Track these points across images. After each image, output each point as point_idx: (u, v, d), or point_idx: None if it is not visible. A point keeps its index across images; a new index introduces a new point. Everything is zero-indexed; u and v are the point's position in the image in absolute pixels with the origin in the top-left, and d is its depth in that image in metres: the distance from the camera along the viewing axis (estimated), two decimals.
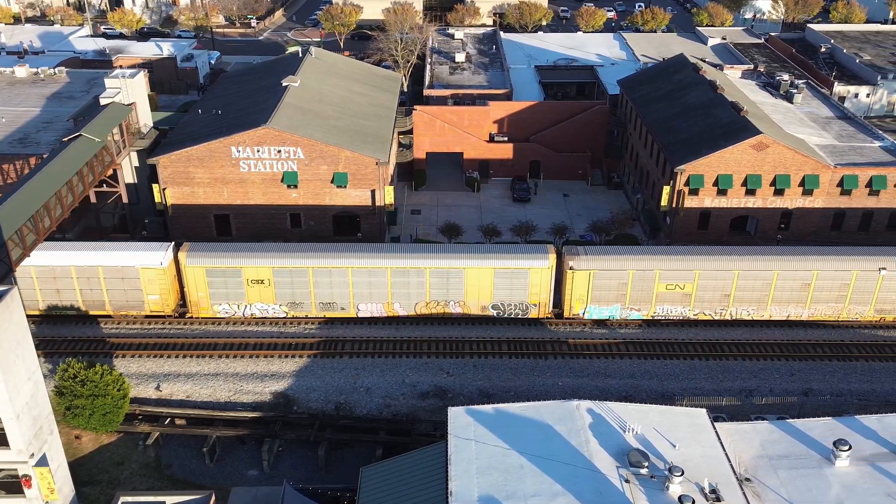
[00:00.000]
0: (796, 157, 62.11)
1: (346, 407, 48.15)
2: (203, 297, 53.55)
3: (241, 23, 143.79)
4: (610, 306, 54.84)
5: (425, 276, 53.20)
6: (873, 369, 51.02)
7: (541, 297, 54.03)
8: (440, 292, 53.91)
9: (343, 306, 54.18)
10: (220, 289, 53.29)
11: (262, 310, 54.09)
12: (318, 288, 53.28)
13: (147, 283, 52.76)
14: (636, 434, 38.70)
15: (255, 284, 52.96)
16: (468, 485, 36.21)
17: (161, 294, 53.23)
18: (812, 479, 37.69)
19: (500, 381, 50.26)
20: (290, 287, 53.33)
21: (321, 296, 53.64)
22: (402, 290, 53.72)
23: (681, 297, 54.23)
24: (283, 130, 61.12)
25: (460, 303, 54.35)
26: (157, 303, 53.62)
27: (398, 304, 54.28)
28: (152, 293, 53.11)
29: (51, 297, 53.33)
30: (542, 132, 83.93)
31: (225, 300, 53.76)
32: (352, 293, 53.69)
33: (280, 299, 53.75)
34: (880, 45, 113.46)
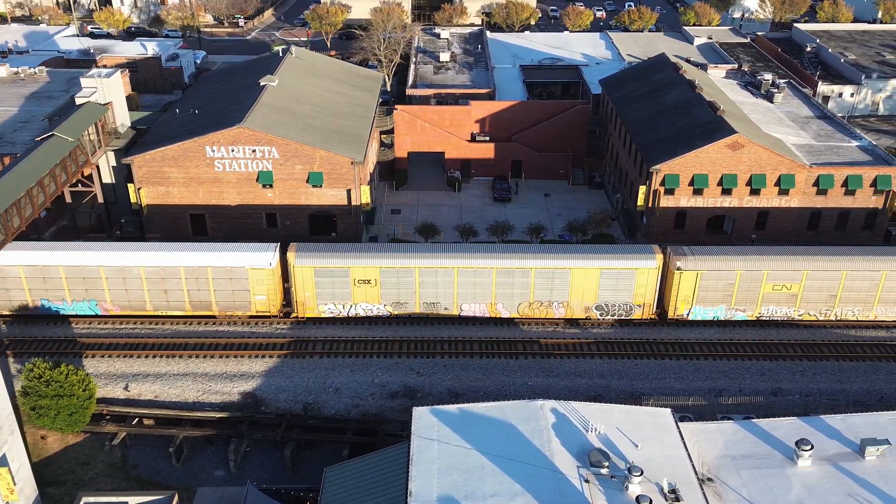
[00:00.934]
0: (772, 157, 62.08)
1: (314, 407, 48.07)
2: (310, 297, 53.69)
3: (229, 22, 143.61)
4: (715, 307, 54.40)
5: (531, 277, 53.10)
6: (843, 369, 50.98)
7: (646, 298, 53.82)
8: (544, 293, 53.79)
9: (447, 306, 54.36)
10: (326, 289, 53.48)
11: (367, 309, 54.26)
12: (423, 288, 53.53)
13: (255, 284, 52.90)
14: (599, 434, 38.66)
15: (361, 284, 53.18)
16: (428, 485, 36.14)
17: (268, 294, 53.39)
18: (773, 479, 37.66)
19: (470, 381, 50.18)
20: (396, 287, 53.53)
21: (426, 296, 53.87)
22: (506, 290, 53.70)
23: (787, 297, 53.79)
24: (258, 130, 61.02)
25: (564, 304, 54.21)
26: (264, 303, 53.75)
27: (501, 304, 54.28)
28: (259, 293, 53.24)
29: (159, 297, 53.42)
30: (523, 132, 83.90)
31: (331, 300, 53.91)
32: (456, 293, 53.78)
33: (385, 299, 53.93)
34: (866, 44, 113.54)
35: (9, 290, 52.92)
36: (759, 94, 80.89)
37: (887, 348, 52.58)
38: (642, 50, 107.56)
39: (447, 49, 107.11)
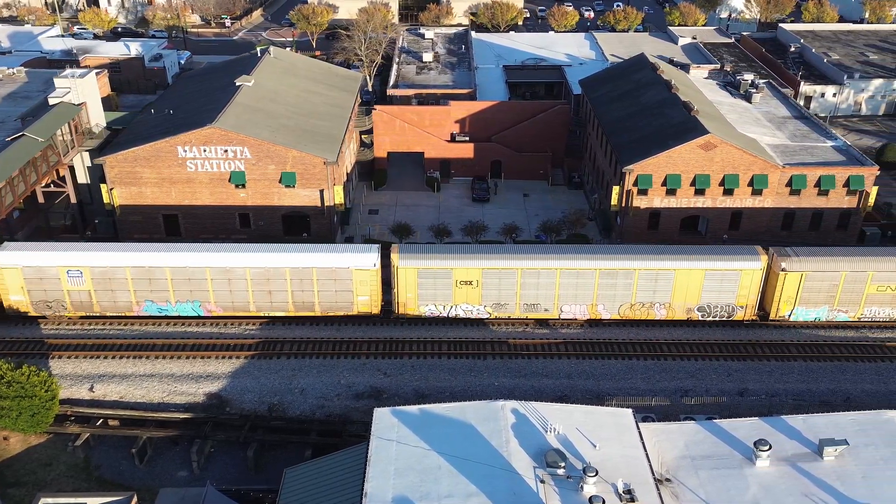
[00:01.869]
0: (745, 157, 62.08)
1: (278, 408, 47.97)
2: (411, 297, 53.78)
3: (216, 23, 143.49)
4: (818, 308, 54.07)
5: (633, 279, 53.02)
6: (811, 369, 50.94)
7: (749, 300, 53.56)
8: (646, 294, 53.68)
9: (547, 308, 54.28)
10: (428, 290, 53.59)
11: (467, 311, 54.30)
12: (524, 289, 53.45)
13: (359, 285, 53.13)
14: (557, 434, 38.60)
15: (463, 285, 53.26)
16: (384, 486, 36.12)
17: (371, 295, 53.60)
18: (731, 480, 37.61)
19: (437, 381, 50.10)
20: (497, 288, 53.50)
21: (526, 297, 53.80)
22: (608, 291, 53.62)
23: (891, 298, 53.50)
24: (230, 130, 60.95)
25: (666, 305, 54.03)
26: (366, 304, 53.96)
27: (602, 306, 54.14)
28: (362, 294, 53.48)
29: (263, 298, 53.59)
30: (503, 132, 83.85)
31: (432, 301, 53.99)
32: (557, 295, 53.71)
33: (486, 300, 53.96)
34: (851, 44, 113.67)
35: (114, 292, 53.02)
36: (737, 95, 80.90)
37: (855, 348, 52.57)
38: (627, 50, 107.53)
39: (431, 49, 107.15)
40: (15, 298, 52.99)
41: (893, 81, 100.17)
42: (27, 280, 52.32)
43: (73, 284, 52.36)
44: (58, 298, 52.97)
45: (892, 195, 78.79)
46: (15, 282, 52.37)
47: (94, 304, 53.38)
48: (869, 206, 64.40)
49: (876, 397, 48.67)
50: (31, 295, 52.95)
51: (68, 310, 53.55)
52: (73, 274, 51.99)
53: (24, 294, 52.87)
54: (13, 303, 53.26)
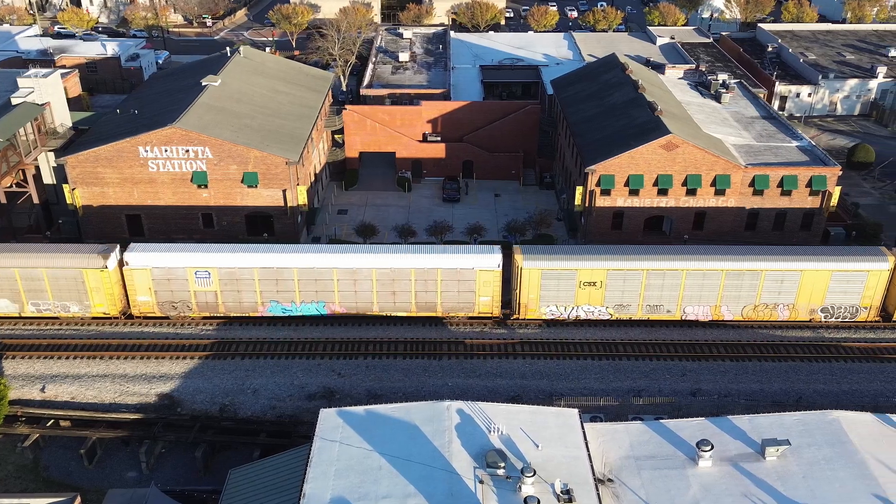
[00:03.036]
0: (707, 157, 62.10)
1: (230, 408, 47.89)
2: (533, 298, 53.72)
3: (197, 22, 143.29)
4: None
5: (759, 280, 53.02)
6: (765, 369, 50.94)
7: (873, 300, 53.60)
8: (771, 296, 53.70)
9: (669, 309, 54.36)
10: (551, 291, 53.55)
11: (589, 312, 54.33)
12: (648, 290, 53.49)
13: (482, 285, 53.26)
14: (501, 434, 38.60)
15: (586, 287, 53.21)
16: (323, 487, 36.14)
17: (492, 296, 53.62)
18: (673, 480, 37.64)
19: (391, 381, 50.05)
20: (621, 289, 53.49)
21: (650, 298, 53.89)
22: (732, 293, 53.64)
23: None
24: (191, 130, 60.84)
25: (789, 306, 54.05)
26: (487, 304, 54.01)
27: (726, 307, 54.20)
28: (484, 295, 53.65)
29: (386, 299, 53.80)
30: (474, 132, 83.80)
31: (554, 302, 53.97)
32: (681, 296, 53.69)
33: (608, 301, 53.95)
34: (828, 44, 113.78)
35: (240, 293, 53.27)
36: (707, 95, 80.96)
37: (809, 349, 52.58)
38: (605, 50, 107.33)
39: (408, 49, 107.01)
40: (142, 299, 53.39)
41: (868, 81, 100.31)
42: (155, 281, 52.72)
43: (201, 285, 52.85)
44: (184, 299, 53.38)
45: (862, 195, 78.99)
46: (143, 283, 52.77)
47: (220, 304, 53.84)
48: (832, 207, 64.42)
49: (828, 397, 48.71)
50: (158, 296, 53.28)
51: (193, 311, 53.84)
52: (200, 275, 52.45)
53: (150, 295, 53.15)
54: (139, 304, 53.45)
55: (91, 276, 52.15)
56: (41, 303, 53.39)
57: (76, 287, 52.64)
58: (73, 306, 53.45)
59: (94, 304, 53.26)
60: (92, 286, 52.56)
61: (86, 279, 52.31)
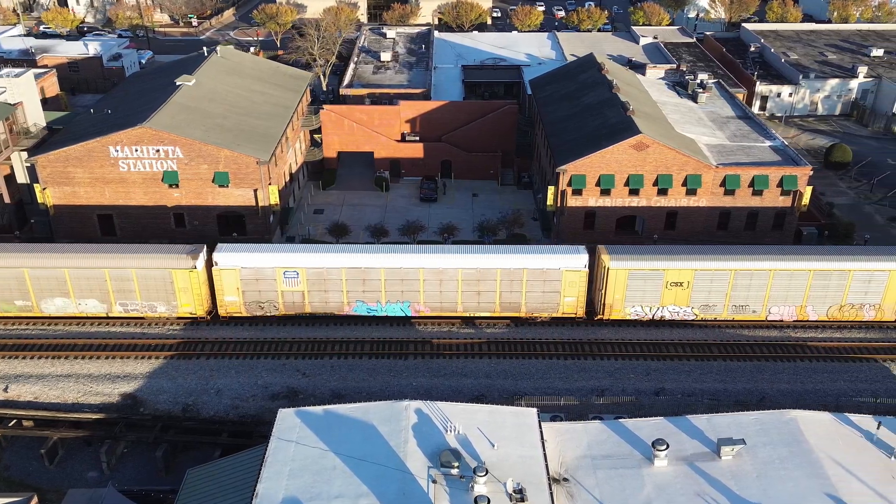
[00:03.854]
0: (677, 157, 62.12)
1: (193, 408, 47.87)
2: (619, 299, 53.77)
3: (183, 22, 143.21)
4: None
5: (847, 280, 53.05)
6: (729, 369, 51.02)
7: None
8: (857, 296, 53.79)
9: (755, 309, 54.29)
10: (636, 291, 53.67)
11: (674, 312, 54.38)
12: (734, 290, 53.43)
13: (567, 286, 53.30)
14: (458, 434, 38.63)
15: (672, 287, 53.20)
16: (276, 486, 36.17)
17: (577, 296, 53.70)
18: (628, 480, 37.67)
19: (355, 381, 50.07)
20: (707, 290, 53.44)
21: (736, 298, 53.79)
22: (819, 293, 53.66)
23: None
24: (161, 130, 60.75)
25: (875, 307, 54.03)
26: (572, 305, 54.08)
27: (811, 307, 54.19)
28: (569, 295, 53.71)
29: (471, 299, 53.93)
30: (453, 132, 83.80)
31: (639, 302, 54.02)
32: (767, 296, 53.66)
33: (694, 302, 53.91)
34: (811, 44, 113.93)
35: (327, 292, 53.51)
36: (684, 94, 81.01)
37: (774, 348, 52.68)
38: (588, 50, 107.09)
39: (391, 49, 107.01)
40: (229, 299, 53.59)
41: (849, 81, 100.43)
42: (243, 281, 52.94)
43: (288, 285, 53.08)
44: (271, 299, 53.55)
45: (838, 194, 79.10)
46: (231, 283, 52.98)
47: (306, 304, 54.03)
48: (804, 206, 64.44)
49: (791, 397, 48.79)
50: (245, 296, 53.42)
51: (280, 310, 53.92)
52: (289, 275, 52.69)
53: (238, 295, 53.29)
54: (227, 304, 53.61)
55: (179, 276, 52.44)
56: (129, 303, 53.64)
57: (164, 287, 52.90)
58: (160, 306, 53.74)
59: (182, 304, 53.53)
60: (180, 286, 52.85)
61: (174, 279, 52.51)
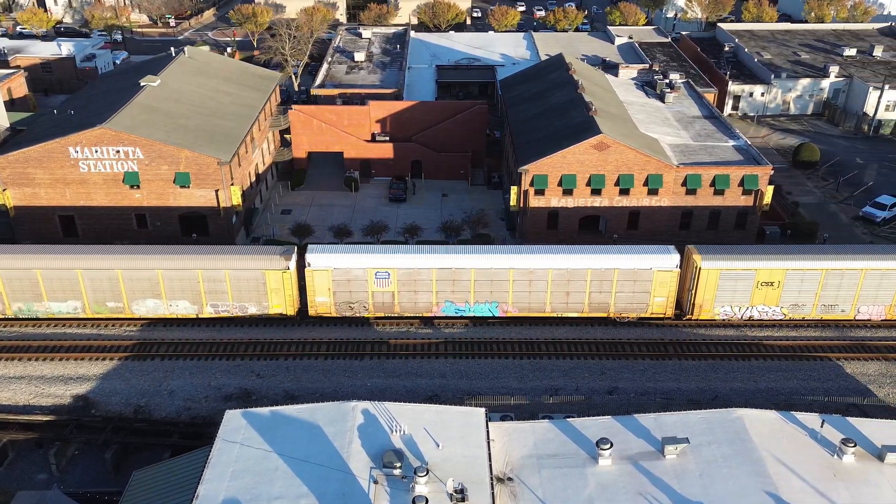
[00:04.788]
0: (638, 157, 62.29)
1: (145, 410, 47.74)
2: (709, 299, 53.91)
3: (161, 22, 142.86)
4: None
5: None
6: (684, 368, 51.15)
7: None
8: None
9: (844, 309, 54.49)
10: (727, 291, 53.77)
11: (763, 312, 54.55)
12: (824, 290, 53.64)
13: (658, 286, 53.46)
14: (403, 434, 38.64)
15: (763, 287, 53.37)
16: (217, 488, 36.11)
17: (667, 296, 53.85)
18: (571, 479, 37.74)
19: (310, 382, 50.00)
20: (798, 289, 53.58)
21: (825, 298, 53.99)
22: None
23: None
24: (121, 130, 60.57)
25: None
26: (661, 305, 54.21)
27: None
28: (659, 295, 53.85)
29: (559, 299, 54.13)
30: (423, 132, 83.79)
31: (729, 302, 54.11)
32: (857, 296, 53.86)
33: (784, 301, 54.07)
34: (786, 44, 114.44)
35: (417, 293, 53.76)
36: (652, 94, 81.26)
37: (729, 347, 52.83)
38: (563, 50, 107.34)
39: (365, 49, 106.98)
40: (320, 300, 53.75)
41: (821, 81, 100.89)
42: (335, 282, 53.04)
43: (379, 286, 53.25)
44: (361, 300, 53.77)
45: (805, 194, 79.45)
46: (323, 283, 53.08)
47: (396, 305, 54.18)
48: (765, 206, 64.70)
49: (744, 395, 48.94)
50: (336, 296, 53.56)
51: (370, 311, 54.16)
52: (380, 275, 52.95)
53: (328, 296, 53.49)
54: (317, 304, 53.82)
55: (272, 277, 52.55)
56: (220, 304, 53.74)
57: (256, 288, 53.00)
58: (251, 307, 53.84)
59: (272, 304, 53.57)
60: (272, 287, 52.98)
61: (267, 280, 52.60)
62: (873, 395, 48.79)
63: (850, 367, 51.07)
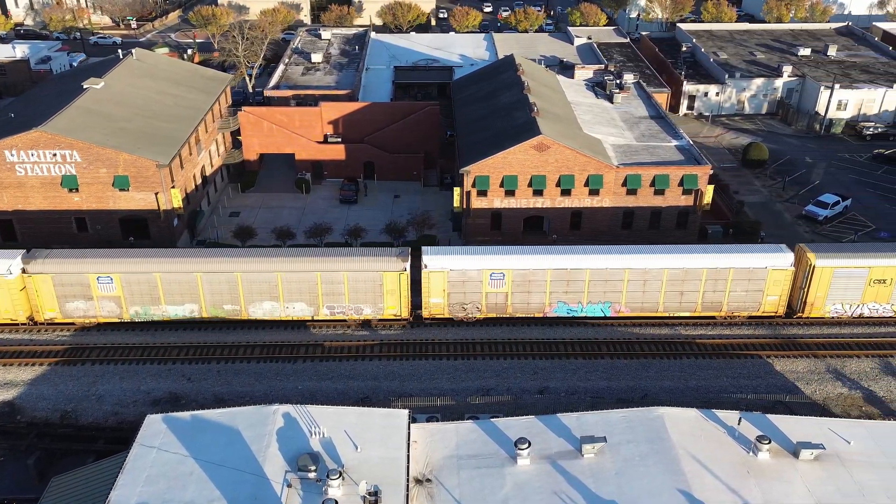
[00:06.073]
0: (578, 158, 62.56)
1: (71, 415, 47.37)
2: (820, 297, 54.35)
3: (124, 24, 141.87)
4: None
5: None
6: (616, 367, 51.39)
7: None
8: None
9: None
10: (839, 289, 54.15)
11: (873, 309, 54.92)
12: None
13: (771, 284, 53.90)
14: (322, 438, 38.59)
15: (875, 284, 53.71)
16: (129, 493, 35.98)
17: (780, 295, 54.29)
18: (489, 479, 37.83)
19: (241, 386, 49.82)
20: None
21: None
22: None
23: None
24: (57, 134, 60.09)
25: None
26: (774, 303, 54.78)
27: None
28: (772, 294, 54.32)
29: (673, 299, 54.67)
30: (375, 133, 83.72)
31: (840, 300, 54.54)
32: None
33: (894, 299, 54.37)
34: (743, 44, 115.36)
35: (530, 294, 54.20)
36: (602, 95, 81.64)
37: (661, 346, 53.17)
38: (523, 50, 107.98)
39: (323, 50, 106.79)
40: (434, 301, 54.13)
41: (775, 80, 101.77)
42: (450, 283, 53.46)
43: (494, 287, 53.65)
44: (474, 301, 54.11)
45: (752, 192, 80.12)
46: (438, 285, 53.44)
47: (508, 306, 54.50)
48: (706, 205, 65.19)
49: (674, 394, 49.27)
50: (450, 298, 53.97)
51: (482, 312, 54.36)
52: (495, 276, 53.42)
53: (443, 297, 53.83)
54: (431, 306, 54.20)
55: (389, 278, 52.81)
56: (336, 306, 53.95)
57: (373, 290, 53.35)
58: (366, 309, 54.20)
59: (387, 306, 53.92)
60: (388, 289, 53.28)
61: (384, 282, 52.86)
62: (800, 392, 49.29)
63: (780, 364, 51.56)
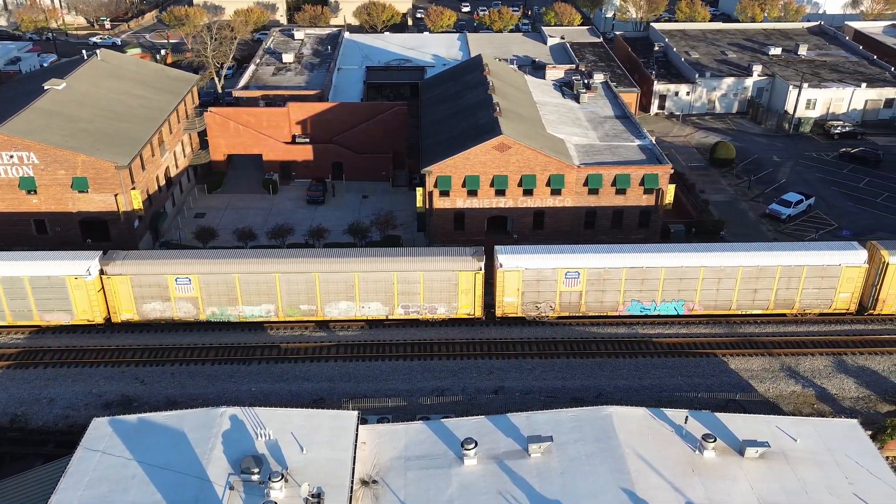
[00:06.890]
0: (539, 158, 62.61)
1: (21, 419, 47.02)
2: (893, 294, 54.78)
3: (98, 25, 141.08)
4: None
5: None
6: (571, 366, 51.46)
7: None
8: None
9: None
10: None
11: None
12: None
13: (844, 281, 54.18)
14: (268, 440, 38.49)
15: None
16: (70, 497, 35.84)
17: (852, 292, 54.64)
18: (435, 480, 37.82)
19: (194, 388, 49.58)
20: None
21: None
22: None
23: None
24: (13, 135, 59.65)
25: None
26: (846, 301, 55.05)
27: None
28: (845, 291, 54.52)
29: (746, 297, 54.71)
30: (344, 133, 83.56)
31: None
32: None
33: None
34: (715, 43, 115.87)
35: (605, 292, 54.26)
36: (569, 95, 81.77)
37: (617, 345, 53.27)
38: (496, 51, 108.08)
39: (296, 50, 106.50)
40: (508, 300, 53.98)
41: (745, 80, 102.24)
42: (525, 282, 53.36)
43: (568, 286, 53.60)
44: (548, 300, 54.03)
45: (718, 192, 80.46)
46: (513, 284, 53.35)
47: (582, 304, 54.53)
48: (667, 205, 65.38)
49: (628, 392, 49.38)
50: (524, 297, 53.90)
51: (555, 311, 54.44)
52: (570, 275, 53.34)
53: (517, 296, 53.77)
54: (505, 304, 54.18)
55: (464, 278, 52.82)
56: (411, 305, 53.97)
57: (448, 289, 53.29)
58: (440, 308, 54.08)
59: (462, 305, 53.89)
60: (463, 288, 53.19)
61: (458, 281, 52.83)
62: (754, 391, 49.50)
63: (734, 362, 51.78)
